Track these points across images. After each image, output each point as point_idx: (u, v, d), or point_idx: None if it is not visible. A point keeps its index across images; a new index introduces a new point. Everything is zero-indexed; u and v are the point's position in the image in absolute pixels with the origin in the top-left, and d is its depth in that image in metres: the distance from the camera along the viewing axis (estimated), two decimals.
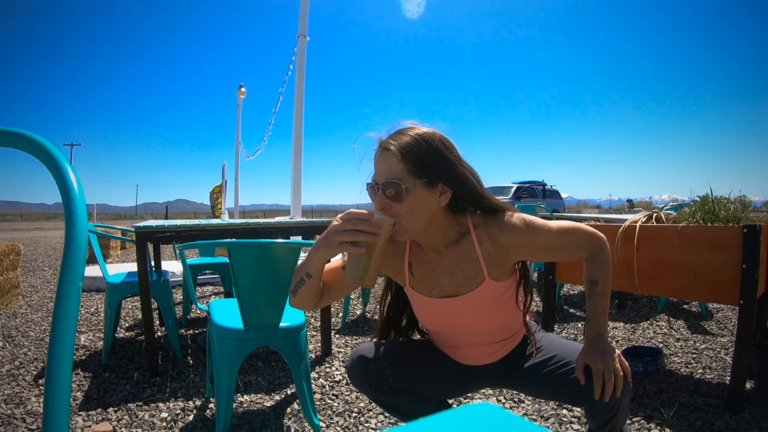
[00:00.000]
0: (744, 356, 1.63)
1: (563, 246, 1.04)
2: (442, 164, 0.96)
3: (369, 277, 0.92)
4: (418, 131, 0.98)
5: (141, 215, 71.06)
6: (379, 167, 0.97)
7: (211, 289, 4.28)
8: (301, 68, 5.74)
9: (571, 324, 2.91)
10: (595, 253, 1.05)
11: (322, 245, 0.95)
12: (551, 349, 1.12)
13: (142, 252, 2.06)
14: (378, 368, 1.12)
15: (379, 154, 0.98)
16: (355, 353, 1.18)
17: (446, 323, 1.11)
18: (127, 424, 1.65)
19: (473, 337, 1.12)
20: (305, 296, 1.04)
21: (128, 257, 7.44)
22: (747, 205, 1.84)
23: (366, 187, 1.02)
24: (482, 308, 1.05)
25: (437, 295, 1.07)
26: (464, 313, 1.06)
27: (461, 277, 1.04)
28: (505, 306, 1.08)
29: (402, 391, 1.13)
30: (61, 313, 0.45)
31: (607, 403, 0.97)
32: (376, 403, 1.20)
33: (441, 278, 1.06)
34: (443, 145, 0.98)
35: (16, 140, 0.54)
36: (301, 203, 5.99)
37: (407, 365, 1.15)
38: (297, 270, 1.05)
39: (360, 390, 1.18)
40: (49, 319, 3.17)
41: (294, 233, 2.43)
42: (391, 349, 1.17)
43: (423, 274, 1.08)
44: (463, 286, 1.04)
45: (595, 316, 1.05)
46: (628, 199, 47.71)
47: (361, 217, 0.90)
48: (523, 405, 1.76)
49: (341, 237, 0.90)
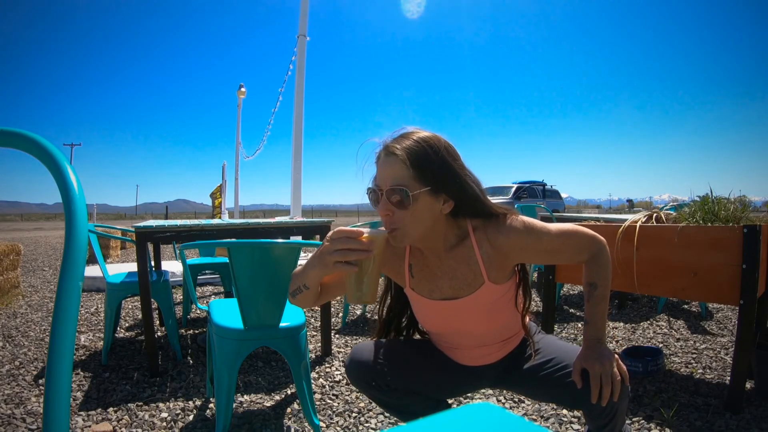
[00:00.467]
0: (744, 356, 1.63)
1: (563, 249, 1.03)
2: (447, 174, 0.95)
3: (368, 294, 0.90)
4: (423, 136, 0.95)
5: (141, 215, 71.07)
6: (384, 172, 0.95)
7: (211, 289, 4.28)
8: (301, 68, 5.74)
9: (571, 324, 2.91)
10: (595, 256, 1.05)
11: (316, 264, 0.93)
12: (549, 352, 1.11)
13: (142, 252, 2.06)
14: (375, 366, 1.13)
15: (383, 157, 0.96)
16: (353, 351, 1.18)
17: (446, 325, 1.11)
18: (127, 424, 1.65)
19: (472, 339, 1.13)
20: (303, 301, 1.05)
21: (128, 257, 7.44)
22: (747, 205, 1.84)
23: (366, 192, 1.00)
24: (482, 311, 1.05)
25: (437, 297, 1.07)
26: (464, 316, 1.06)
27: (461, 280, 1.03)
28: (504, 308, 1.08)
29: (400, 389, 1.14)
30: (61, 313, 0.45)
31: (604, 407, 0.96)
32: (375, 401, 1.21)
33: (441, 281, 1.05)
34: (448, 152, 0.96)
35: (16, 140, 0.54)
36: (301, 203, 5.99)
37: (405, 364, 1.15)
38: (294, 276, 1.03)
39: (358, 387, 1.19)
40: (49, 319, 3.17)
41: (294, 233, 2.43)
42: (389, 348, 1.18)
43: (423, 276, 1.08)
44: (462, 289, 1.04)
45: (593, 319, 1.04)
46: (628, 199, 47.72)
47: (350, 236, 0.87)
48: (523, 405, 1.76)
49: (333, 257, 0.88)
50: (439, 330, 1.15)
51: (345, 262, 0.87)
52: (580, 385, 0.98)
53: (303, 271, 0.99)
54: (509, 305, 1.08)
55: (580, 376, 0.99)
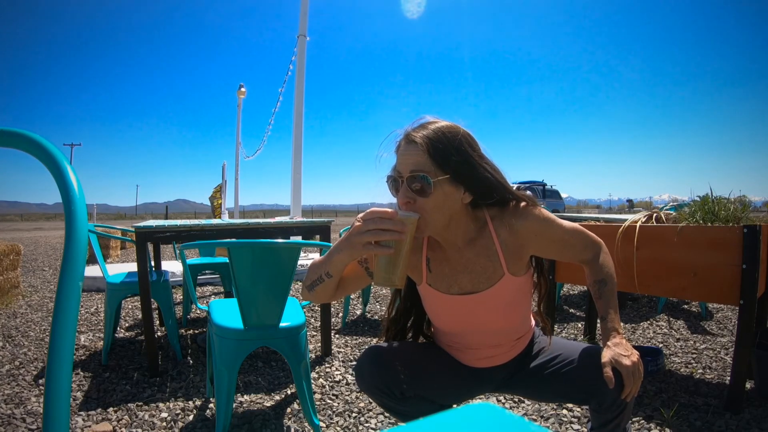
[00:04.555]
0: (744, 356, 1.63)
1: (573, 243, 1.06)
2: (466, 162, 0.95)
3: (398, 278, 0.89)
4: (442, 125, 0.96)
5: (141, 215, 71.04)
6: (404, 159, 0.94)
7: (211, 289, 4.28)
8: (301, 68, 5.74)
9: (571, 324, 2.91)
10: (598, 255, 1.09)
11: (344, 247, 0.92)
12: (555, 349, 1.11)
13: (142, 252, 2.06)
14: (390, 373, 1.06)
15: (403, 145, 0.96)
16: (364, 358, 1.10)
17: (461, 321, 1.09)
18: (127, 424, 1.65)
19: (487, 337, 1.10)
20: (322, 293, 1.03)
21: (128, 257, 7.44)
22: (747, 205, 1.84)
23: (387, 180, 0.99)
24: (500, 305, 1.05)
25: (455, 292, 1.05)
26: (481, 311, 1.05)
27: (480, 273, 1.03)
28: (520, 304, 1.09)
29: (412, 396, 1.08)
30: (61, 313, 0.45)
31: (614, 400, 0.96)
32: (381, 406, 1.15)
33: (460, 275, 1.04)
34: (466, 141, 0.96)
35: (16, 140, 0.54)
36: (301, 203, 5.99)
37: (420, 371, 1.10)
38: (313, 267, 1.02)
39: (369, 395, 1.11)
40: (49, 319, 3.17)
41: (294, 233, 2.43)
42: (402, 354, 1.11)
43: (441, 270, 1.06)
44: (482, 283, 1.03)
45: (609, 314, 1.04)
46: (628, 199, 47.73)
47: (384, 216, 0.86)
48: (523, 405, 1.76)
49: (365, 237, 0.87)
50: (454, 328, 1.12)
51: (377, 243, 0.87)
52: (612, 383, 0.94)
53: (327, 258, 0.98)
54: (525, 301, 1.09)
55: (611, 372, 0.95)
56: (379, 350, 1.10)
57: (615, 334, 1.01)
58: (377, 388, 1.06)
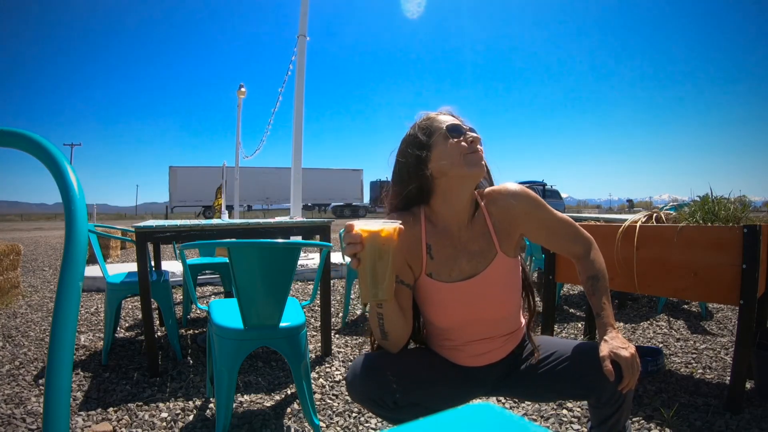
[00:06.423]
0: (744, 356, 1.63)
1: (562, 230, 1.12)
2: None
3: (382, 291, 0.87)
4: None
5: (141, 215, 71.06)
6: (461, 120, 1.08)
7: (211, 289, 4.29)
8: (301, 68, 5.73)
9: (571, 324, 2.91)
10: (589, 251, 1.13)
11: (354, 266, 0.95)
12: (549, 348, 1.12)
13: (142, 252, 2.06)
14: (384, 384, 1.03)
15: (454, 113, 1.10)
16: (354, 367, 1.07)
17: (460, 312, 1.09)
18: (127, 424, 1.65)
19: (481, 328, 1.11)
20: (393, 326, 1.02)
21: (128, 257, 7.44)
22: (747, 205, 1.84)
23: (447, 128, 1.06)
24: (496, 290, 1.08)
25: (456, 278, 1.07)
26: (481, 295, 1.07)
27: (478, 253, 1.08)
28: (513, 291, 1.11)
29: (406, 405, 1.06)
30: (61, 313, 0.45)
31: (613, 395, 0.97)
32: (374, 414, 1.13)
33: (460, 259, 1.08)
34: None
35: (16, 140, 0.54)
36: (301, 203, 5.99)
37: (414, 378, 1.08)
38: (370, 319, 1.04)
39: (362, 406, 1.09)
40: (49, 319, 3.17)
41: (294, 233, 2.43)
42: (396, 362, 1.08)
43: (444, 253, 1.08)
44: (480, 263, 1.07)
45: (603, 310, 1.07)
46: (628, 199, 47.72)
47: (348, 230, 0.89)
48: (523, 405, 1.76)
49: (345, 253, 0.91)
50: (451, 321, 1.11)
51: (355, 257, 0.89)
52: (613, 376, 0.94)
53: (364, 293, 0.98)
54: (516, 287, 1.12)
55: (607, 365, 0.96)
56: (370, 360, 1.07)
57: (611, 329, 1.04)
58: (370, 399, 1.04)
